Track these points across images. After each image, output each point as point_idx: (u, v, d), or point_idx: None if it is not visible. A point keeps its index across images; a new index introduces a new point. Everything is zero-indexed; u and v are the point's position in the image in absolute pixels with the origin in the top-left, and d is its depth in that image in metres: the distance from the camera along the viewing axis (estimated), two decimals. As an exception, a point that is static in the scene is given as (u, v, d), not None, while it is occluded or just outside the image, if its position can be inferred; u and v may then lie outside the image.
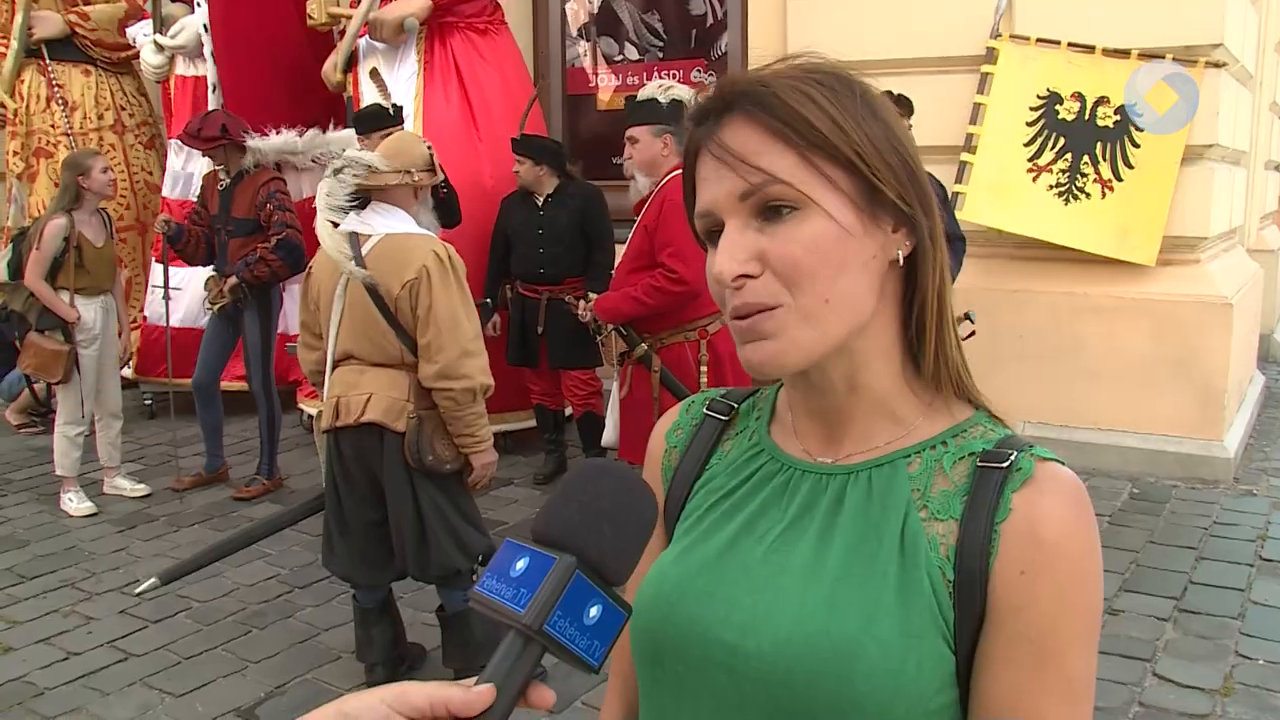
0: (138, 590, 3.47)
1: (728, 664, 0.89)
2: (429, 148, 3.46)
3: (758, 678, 0.87)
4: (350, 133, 5.35)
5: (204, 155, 5.59)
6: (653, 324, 3.95)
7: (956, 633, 0.85)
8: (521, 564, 0.70)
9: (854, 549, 0.89)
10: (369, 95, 5.87)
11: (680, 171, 1.28)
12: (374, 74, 5.65)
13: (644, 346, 3.95)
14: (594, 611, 0.70)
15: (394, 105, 5.22)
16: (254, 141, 5.27)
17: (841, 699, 0.83)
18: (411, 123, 5.52)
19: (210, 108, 6.19)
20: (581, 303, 4.55)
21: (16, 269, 5.19)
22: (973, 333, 3.98)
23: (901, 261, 0.90)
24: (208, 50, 6.47)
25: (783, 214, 0.85)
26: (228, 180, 5.31)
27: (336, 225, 3.17)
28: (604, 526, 0.72)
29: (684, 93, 3.97)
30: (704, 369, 3.96)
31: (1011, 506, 0.85)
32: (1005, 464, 0.87)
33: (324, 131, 5.95)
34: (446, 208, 4.75)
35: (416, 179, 3.30)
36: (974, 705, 0.86)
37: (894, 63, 5.44)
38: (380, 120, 4.98)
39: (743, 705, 0.88)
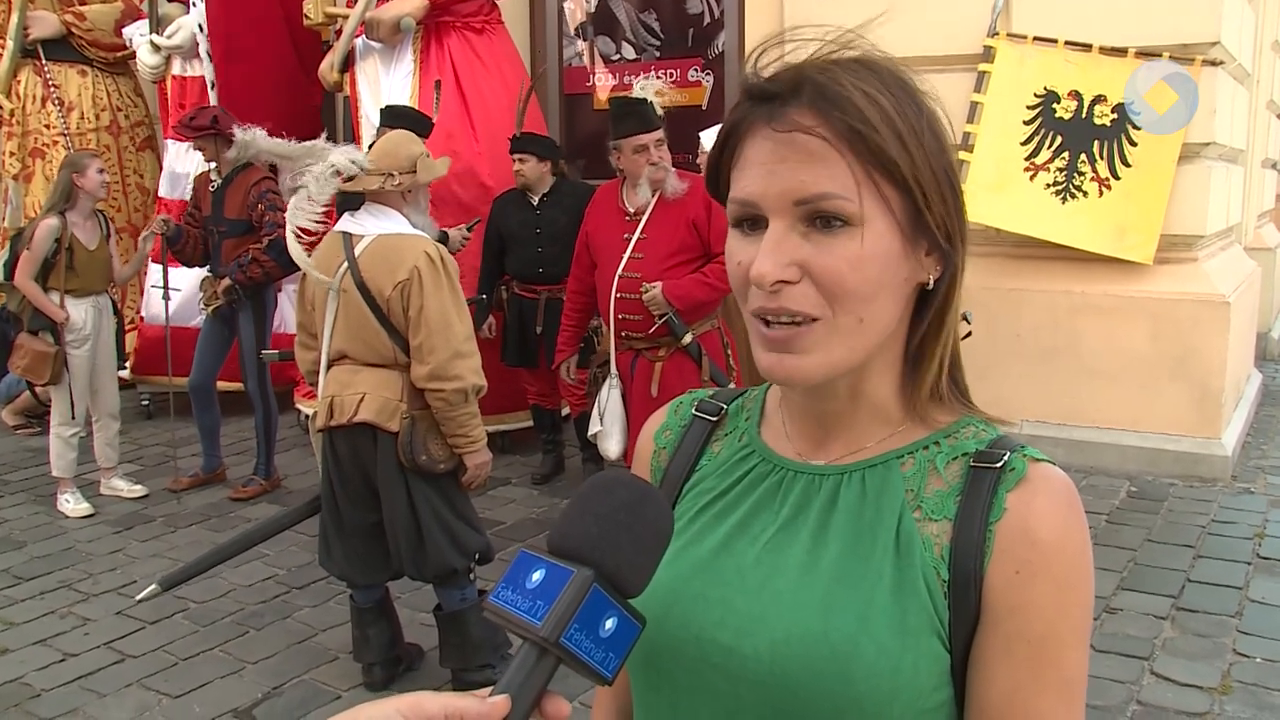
0: (138, 598, 3.46)
1: (724, 666, 0.89)
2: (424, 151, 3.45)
3: (755, 680, 0.87)
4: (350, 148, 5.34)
5: (193, 148, 5.57)
6: (687, 315, 4.02)
7: (951, 631, 0.85)
8: (538, 576, 0.70)
9: (849, 550, 0.89)
10: (366, 96, 5.86)
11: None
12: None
13: (690, 336, 4.03)
14: (609, 624, 0.70)
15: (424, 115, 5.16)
16: (242, 134, 5.22)
17: (840, 699, 0.84)
18: (409, 123, 5.50)
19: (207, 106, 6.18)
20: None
21: (12, 269, 5.19)
22: (969, 333, 4.01)
23: (930, 285, 0.90)
24: (203, 50, 6.46)
25: (833, 226, 0.84)
26: (219, 180, 5.30)
27: (305, 232, 3.15)
28: (621, 539, 0.72)
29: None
30: (728, 352, 4.10)
31: (1006, 506, 0.85)
32: (999, 464, 0.87)
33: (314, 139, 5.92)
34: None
35: (398, 182, 3.27)
36: (970, 703, 0.86)
37: (891, 61, 5.43)
38: (410, 122, 4.94)
39: (740, 708, 0.88)
